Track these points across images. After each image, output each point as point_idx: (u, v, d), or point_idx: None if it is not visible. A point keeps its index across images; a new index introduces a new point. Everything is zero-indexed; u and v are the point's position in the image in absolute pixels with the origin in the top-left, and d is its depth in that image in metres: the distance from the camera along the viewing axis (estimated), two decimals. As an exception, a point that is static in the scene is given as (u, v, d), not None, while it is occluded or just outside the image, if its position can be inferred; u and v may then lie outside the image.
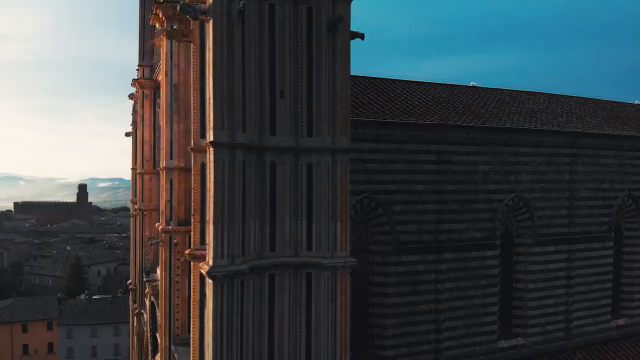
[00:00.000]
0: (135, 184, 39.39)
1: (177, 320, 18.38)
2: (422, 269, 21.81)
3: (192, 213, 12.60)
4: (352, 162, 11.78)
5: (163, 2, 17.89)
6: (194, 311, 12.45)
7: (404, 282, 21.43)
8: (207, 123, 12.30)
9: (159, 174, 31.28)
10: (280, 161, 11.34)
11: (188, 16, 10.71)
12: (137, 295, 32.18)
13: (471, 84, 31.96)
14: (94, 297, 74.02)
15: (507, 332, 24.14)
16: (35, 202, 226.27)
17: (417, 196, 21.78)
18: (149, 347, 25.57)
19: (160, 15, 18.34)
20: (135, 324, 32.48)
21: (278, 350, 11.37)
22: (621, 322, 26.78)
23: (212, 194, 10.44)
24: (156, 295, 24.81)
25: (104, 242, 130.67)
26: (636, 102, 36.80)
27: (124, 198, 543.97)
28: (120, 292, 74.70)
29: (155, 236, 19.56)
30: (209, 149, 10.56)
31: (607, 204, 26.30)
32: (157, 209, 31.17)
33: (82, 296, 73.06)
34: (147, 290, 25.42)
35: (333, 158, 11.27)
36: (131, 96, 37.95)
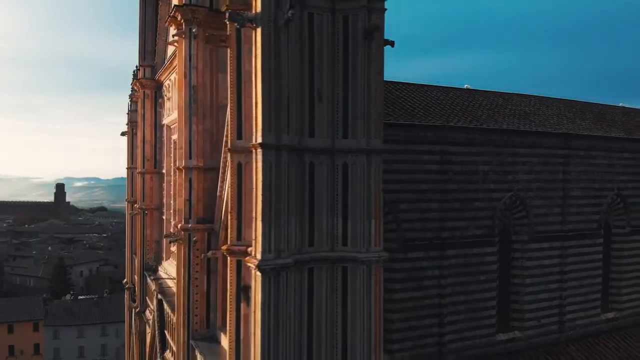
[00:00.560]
0: (132, 183, 39.55)
1: (196, 316, 18.88)
2: (426, 265, 22.68)
3: (229, 211, 13.16)
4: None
5: (183, 5, 18.35)
6: (230, 304, 13.03)
7: (409, 278, 22.27)
8: (244, 125, 12.93)
9: (160, 173, 31.66)
10: (318, 162, 12.00)
11: (236, 24, 11.26)
12: (138, 294, 32.39)
13: (465, 86, 33.05)
14: (80, 297, 73.41)
15: (505, 325, 25.18)
16: (12, 202, 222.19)
17: (422, 195, 22.64)
18: (156, 345, 25.91)
19: (179, 18, 18.78)
20: (135, 323, 32.67)
21: (316, 338, 12.04)
22: (610, 315, 28.07)
23: (260, 192, 11.06)
24: (164, 293, 25.23)
25: (84, 242, 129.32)
26: (620, 104, 38.34)
27: (100, 198, 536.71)
28: (106, 292, 74.32)
29: (174, 234, 19.96)
30: (256, 150, 11.17)
31: (598, 203, 27.54)
32: (159, 208, 31.54)
33: (68, 297, 72.42)
34: (153, 288, 25.74)
35: (368, 158, 11.97)
36: (132, 96, 38.12)
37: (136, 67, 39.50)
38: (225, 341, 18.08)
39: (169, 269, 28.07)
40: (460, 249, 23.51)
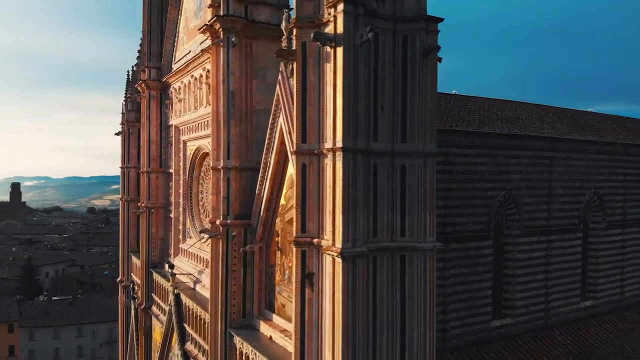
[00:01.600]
0: (127, 181, 40.17)
1: (234, 306, 20.21)
2: (433, 257, 24.63)
3: (294, 206, 14.69)
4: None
5: (223, 16, 19.64)
6: (296, 290, 14.58)
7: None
8: (309, 131, 14.46)
9: (165, 172, 32.60)
10: (380, 163, 13.69)
11: (319, 42, 12.82)
12: (142, 290, 33.19)
13: (453, 91, 35.36)
14: (54, 298, 72.47)
15: (499, 312, 27.48)
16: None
17: (429, 193, 24.59)
18: (173, 338, 26.99)
19: (218, 27, 20.05)
20: (140, 319, 33.41)
21: (379, 318, 13.75)
22: (588, 303, 30.83)
23: (339, 190, 12.71)
24: (181, 288, 26.35)
25: (45, 243, 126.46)
26: (589, 109, 41.56)
27: (52, 198, 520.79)
28: (79, 293, 73.60)
29: (208, 230, 21.18)
30: (336, 153, 12.80)
31: (577, 200, 30.23)
32: (164, 207, 32.50)
33: (41, 297, 71.38)
34: (169, 283, 26.78)
35: (424, 160, 13.77)
36: (131, 97, 38.73)
37: (133, 68, 40.15)
38: (264, 328, 19.58)
39: (181, 265, 29.13)
40: (461, 243, 25.63)
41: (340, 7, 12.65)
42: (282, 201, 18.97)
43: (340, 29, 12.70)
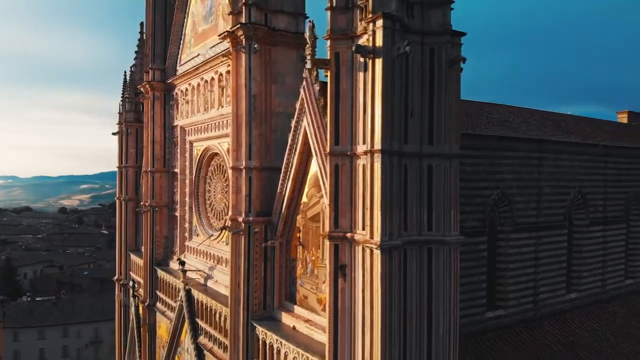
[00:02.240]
0: (126, 180, 40.73)
1: (255, 298, 21.33)
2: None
3: (328, 204, 15.95)
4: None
5: (246, 23, 20.73)
6: (329, 280, 15.84)
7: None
8: (341, 134, 15.72)
9: (169, 172, 33.41)
10: (410, 163, 15.04)
11: (359, 54, 14.11)
12: (146, 287, 33.91)
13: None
14: (37, 299, 71.96)
15: (492, 304, 29.18)
16: None
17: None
18: (183, 333, 27.90)
19: (240, 34, 21.13)
20: (143, 317, 34.09)
21: (409, 304, 15.11)
22: (572, 295, 32.81)
23: (378, 188, 14.07)
24: (192, 284, 27.32)
25: (20, 243, 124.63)
26: (569, 112, 43.84)
27: (19, 197, 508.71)
28: (63, 293, 73.25)
29: (229, 227, 22.20)
30: (374, 154, 14.14)
31: (563, 199, 32.17)
32: (167, 205, 33.32)
33: (24, 298, 70.82)
34: (180, 280, 27.69)
35: (450, 161, 15.18)
36: (129, 97, 39.31)
37: (131, 69, 40.76)
38: (286, 318, 20.76)
39: (189, 262, 30.00)
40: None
41: (380, 22, 13.97)
42: (304, 199, 20.19)
43: (379, 42, 14.02)
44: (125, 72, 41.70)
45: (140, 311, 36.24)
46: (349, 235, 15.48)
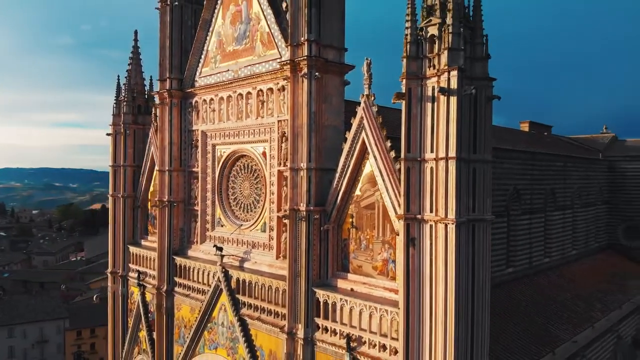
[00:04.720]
0: (123, 178, 44.12)
1: (314, 270, 27.30)
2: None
3: (401, 194, 22.55)
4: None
5: (311, 56, 26.63)
6: (402, 249, 22.47)
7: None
8: (412, 144, 22.36)
9: (185, 171, 38.00)
10: (463, 166, 22.08)
11: (441, 93, 20.91)
12: (160, 275, 38.03)
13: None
14: (-21, 299, 70.01)
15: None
16: None
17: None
18: (215, 310, 32.89)
19: (303, 64, 26.99)
20: (159, 301, 37.97)
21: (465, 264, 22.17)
22: (510, 270, 42.03)
23: (454, 183, 20.97)
24: (230, 266, 32.43)
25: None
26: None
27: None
28: (2, 294, 71.96)
29: (289, 215, 27.82)
30: (449, 160, 21.02)
31: (504, 193, 41.23)
32: (184, 201, 37.89)
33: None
34: (218, 263, 32.69)
35: (486, 165, 22.46)
36: (129, 101, 42.90)
37: (127, 72, 44.23)
38: (342, 283, 27.00)
39: (212, 250, 34.77)
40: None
41: (454, 72, 21.00)
42: (358, 192, 26.57)
43: (453, 84, 21.00)
44: (118, 76, 44.96)
45: (147, 298, 40.08)
46: (419, 216, 22.26)
